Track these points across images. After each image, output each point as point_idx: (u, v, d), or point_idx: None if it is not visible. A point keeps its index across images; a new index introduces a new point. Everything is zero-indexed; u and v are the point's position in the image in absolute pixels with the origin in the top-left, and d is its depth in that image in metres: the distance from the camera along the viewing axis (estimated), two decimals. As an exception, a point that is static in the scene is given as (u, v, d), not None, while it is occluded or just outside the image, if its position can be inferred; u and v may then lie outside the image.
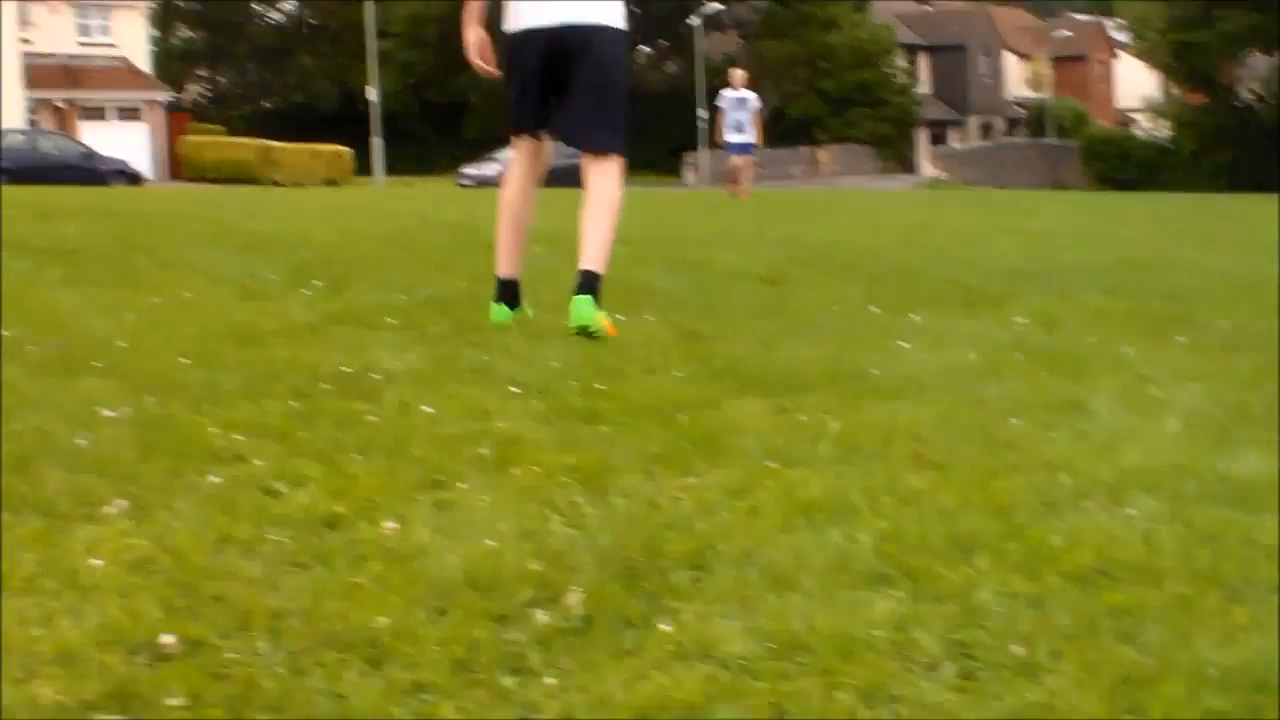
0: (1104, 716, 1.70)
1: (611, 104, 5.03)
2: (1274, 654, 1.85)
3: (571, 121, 5.07)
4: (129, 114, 48.78)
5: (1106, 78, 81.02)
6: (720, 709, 1.70)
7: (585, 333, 4.63)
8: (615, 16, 5.01)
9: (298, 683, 1.73)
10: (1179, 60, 59.74)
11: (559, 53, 4.96)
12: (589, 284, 4.74)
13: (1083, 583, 2.14)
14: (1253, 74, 61.77)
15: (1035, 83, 72.16)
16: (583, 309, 4.66)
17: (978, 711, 1.71)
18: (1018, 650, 1.87)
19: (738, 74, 23.52)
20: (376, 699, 1.70)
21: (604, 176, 5.00)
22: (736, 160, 23.41)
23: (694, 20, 57.16)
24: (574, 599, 2.01)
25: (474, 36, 5.22)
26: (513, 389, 3.63)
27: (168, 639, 1.82)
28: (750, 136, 22.89)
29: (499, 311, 5.07)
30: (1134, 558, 2.24)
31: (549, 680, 1.76)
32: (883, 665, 1.82)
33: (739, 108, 22.81)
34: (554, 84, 5.01)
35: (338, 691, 1.71)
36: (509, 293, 5.13)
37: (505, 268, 5.16)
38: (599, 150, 5.03)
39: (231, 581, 2.07)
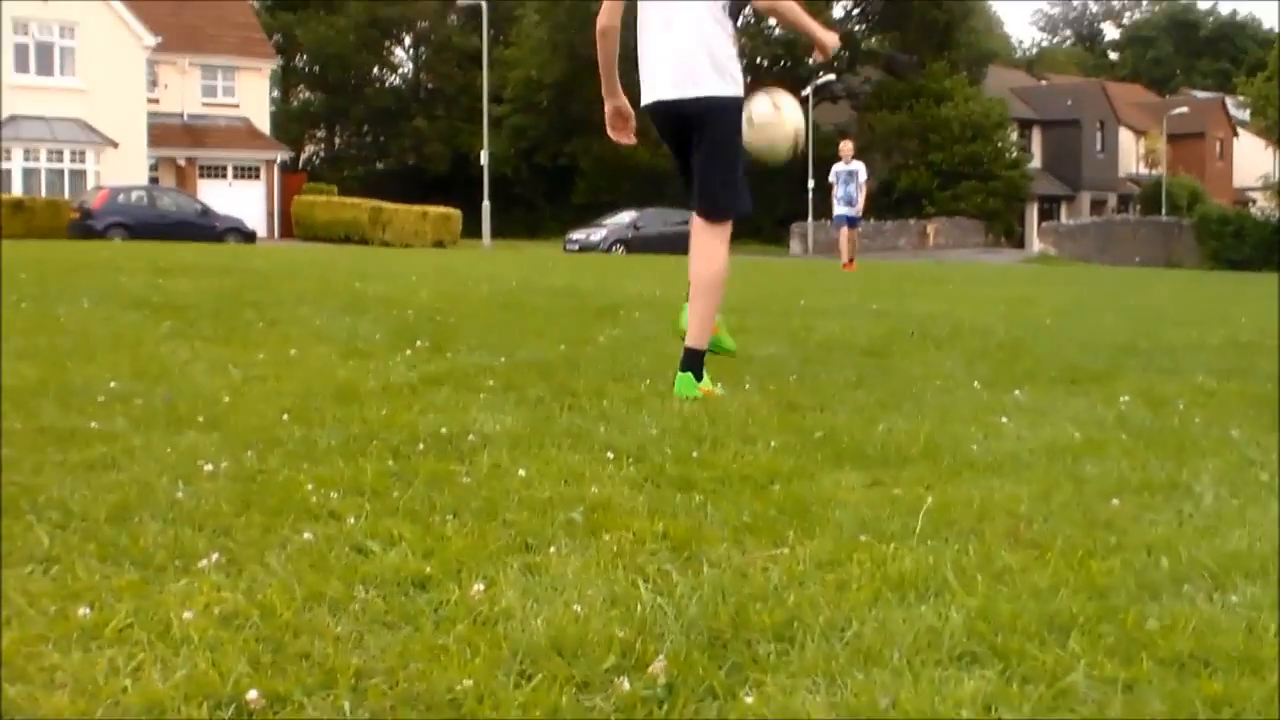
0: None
1: (723, 172, 5.07)
2: (1377, 752, 1.79)
3: (695, 189, 5.20)
4: (248, 173, 49.77)
5: (1225, 155, 79.77)
6: (800, 786, 1.68)
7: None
8: (729, 84, 5.03)
9: (378, 742, 1.73)
10: (1299, 138, 58.87)
11: (681, 124, 5.05)
12: (686, 361, 5.00)
13: (1179, 670, 2.08)
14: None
15: (1151, 159, 71.30)
16: (679, 384, 4.93)
17: (1065, 799, 1.67)
18: (1109, 737, 1.82)
19: (846, 146, 23.57)
20: (455, 761, 1.70)
21: (707, 241, 5.13)
22: (844, 232, 23.45)
23: (805, 91, 57.40)
24: (658, 667, 1.99)
25: (610, 106, 5.33)
26: (608, 454, 3.64)
27: (252, 695, 1.84)
28: (857, 209, 22.96)
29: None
30: (1234, 646, 2.18)
31: (628, 749, 1.75)
32: (968, 747, 1.78)
33: (850, 181, 22.87)
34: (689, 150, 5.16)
35: (417, 752, 1.71)
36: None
37: None
38: (705, 213, 5.11)
39: (318, 639, 2.09)
